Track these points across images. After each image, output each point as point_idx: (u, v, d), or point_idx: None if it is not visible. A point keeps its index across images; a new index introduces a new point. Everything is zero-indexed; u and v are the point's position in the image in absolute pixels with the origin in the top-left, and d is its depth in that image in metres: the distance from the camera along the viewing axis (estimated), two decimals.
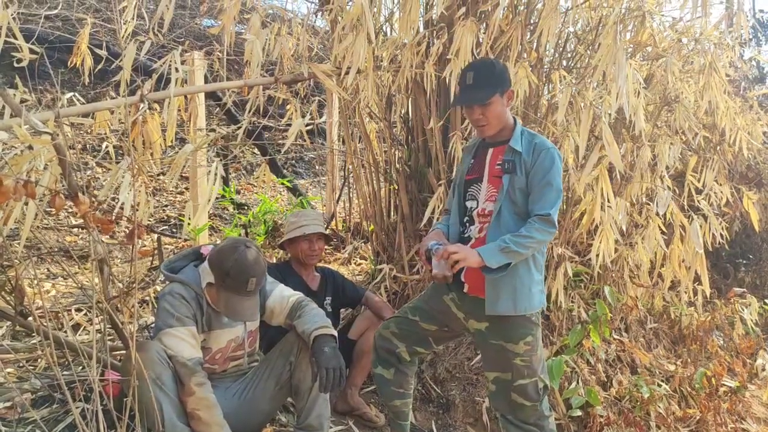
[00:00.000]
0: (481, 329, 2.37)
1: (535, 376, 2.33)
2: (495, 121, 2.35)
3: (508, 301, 2.27)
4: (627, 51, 3.72)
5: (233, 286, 2.28)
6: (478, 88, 2.32)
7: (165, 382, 2.13)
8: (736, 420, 3.85)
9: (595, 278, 3.82)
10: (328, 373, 2.20)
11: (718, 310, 4.44)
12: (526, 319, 2.30)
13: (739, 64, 4.83)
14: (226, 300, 2.31)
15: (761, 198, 5.27)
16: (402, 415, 2.69)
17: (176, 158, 2.18)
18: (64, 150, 1.76)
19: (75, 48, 3.28)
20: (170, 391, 2.14)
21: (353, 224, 5.49)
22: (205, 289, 2.38)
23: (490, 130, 2.37)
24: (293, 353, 2.45)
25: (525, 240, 2.19)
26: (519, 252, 2.19)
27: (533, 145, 2.32)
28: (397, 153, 4.07)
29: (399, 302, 3.71)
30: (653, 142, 3.70)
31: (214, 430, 2.16)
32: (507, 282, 2.27)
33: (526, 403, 2.34)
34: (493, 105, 2.31)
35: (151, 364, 2.11)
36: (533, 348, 2.32)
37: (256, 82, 2.94)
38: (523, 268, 2.30)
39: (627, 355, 3.83)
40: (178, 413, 2.14)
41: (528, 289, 2.30)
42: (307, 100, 5.62)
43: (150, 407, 2.04)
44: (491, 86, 2.31)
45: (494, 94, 2.30)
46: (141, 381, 2.02)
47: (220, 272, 2.29)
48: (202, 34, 7.33)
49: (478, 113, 2.34)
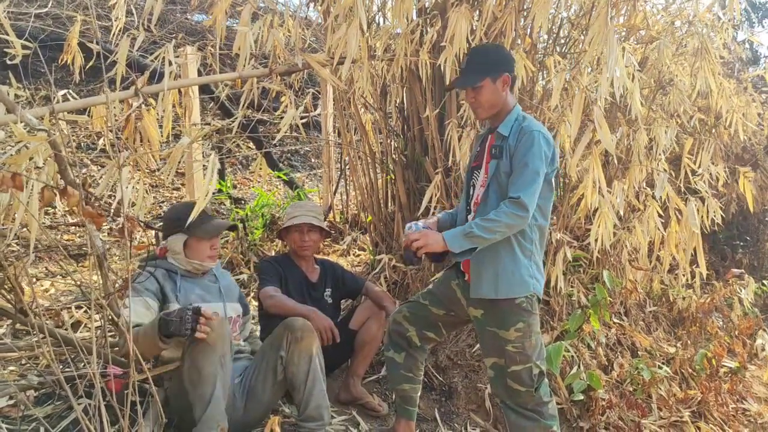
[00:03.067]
0: (477, 316, 2.41)
1: (528, 362, 2.34)
2: (486, 104, 2.39)
3: (489, 284, 2.31)
4: (621, 34, 3.73)
5: (198, 220, 2.35)
6: (470, 72, 2.39)
7: (226, 362, 2.23)
8: (737, 400, 3.88)
9: (594, 263, 3.83)
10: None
11: (717, 291, 4.46)
12: (517, 306, 2.31)
13: (733, 46, 4.83)
14: (204, 230, 2.55)
15: (757, 179, 5.28)
16: (410, 401, 2.70)
17: (173, 151, 2.17)
18: (60, 146, 1.75)
19: (66, 45, 3.26)
20: (226, 374, 2.23)
21: (351, 216, 5.49)
22: (186, 254, 2.56)
23: (482, 113, 2.43)
24: (282, 347, 2.46)
25: (491, 224, 2.19)
26: (483, 237, 2.19)
27: (520, 128, 2.33)
28: (393, 143, 4.07)
29: (399, 292, 3.71)
30: (649, 125, 3.70)
31: (135, 335, 2.13)
32: (489, 266, 2.32)
33: (521, 389, 2.36)
34: (483, 89, 2.36)
35: (222, 342, 2.20)
36: (525, 335, 2.33)
37: (250, 74, 2.92)
38: (506, 252, 2.32)
39: (627, 338, 3.85)
40: (225, 395, 2.23)
41: (511, 273, 2.31)
42: (301, 92, 5.61)
43: (207, 378, 2.16)
44: (482, 71, 2.36)
45: (484, 78, 2.35)
46: (210, 353, 2.15)
47: (179, 222, 2.45)
48: (194, 29, 7.30)
49: (470, 96, 2.41)
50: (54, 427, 2.29)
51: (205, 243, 2.58)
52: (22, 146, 1.79)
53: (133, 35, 2.65)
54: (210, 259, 2.61)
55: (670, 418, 3.46)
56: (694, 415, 3.58)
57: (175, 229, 2.55)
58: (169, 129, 2.83)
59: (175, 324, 2.10)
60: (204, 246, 2.58)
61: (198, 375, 2.17)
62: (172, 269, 2.55)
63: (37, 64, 5.11)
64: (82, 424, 1.69)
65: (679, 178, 3.83)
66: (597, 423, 3.19)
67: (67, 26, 4.73)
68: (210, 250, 2.60)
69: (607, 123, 3.77)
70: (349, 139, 4.42)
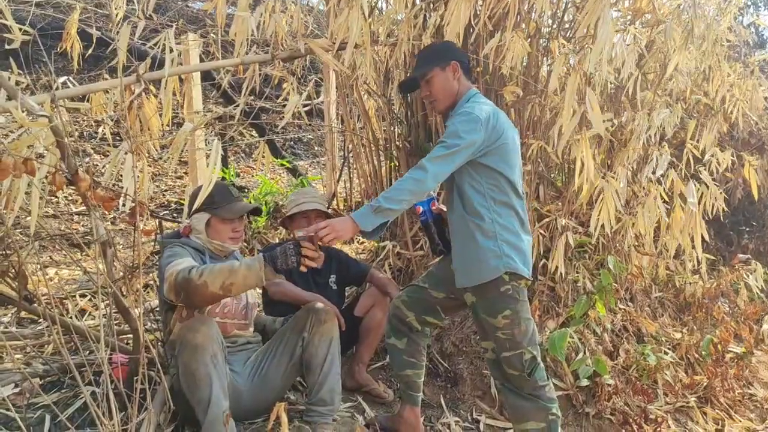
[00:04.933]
0: (473, 301, 2.41)
1: (519, 348, 2.34)
2: (441, 94, 2.43)
3: (462, 274, 2.36)
4: (626, 18, 3.69)
5: (222, 199, 2.47)
6: (417, 68, 2.47)
7: (219, 361, 2.20)
8: (743, 385, 3.88)
9: (600, 249, 3.81)
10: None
11: (723, 276, 4.44)
12: (502, 294, 2.30)
13: (739, 30, 4.78)
14: (228, 210, 2.49)
15: (764, 164, 5.24)
16: (414, 386, 2.71)
17: (176, 137, 2.15)
18: (61, 132, 1.74)
19: (65, 33, 3.23)
20: (221, 372, 2.20)
21: (355, 203, 5.47)
22: (208, 234, 2.51)
23: (439, 105, 2.46)
24: (306, 329, 2.47)
25: (394, 193, 2.18)
26: (392, 208, 2.16)
27: (458, 111, 2.36)
28: (397, 129, 4.04)
29: (403, 278, 3.70)
30: (652, 110, 3.66)
31: (229, 269, 2.14)
32: (458, 257, 2.37)
33: (515, 373, 2.38)
34: (434, 79, 2.41)
35: (211, 341, 2.17)
36: (513, 322, 2.32)
37: (252, 60, 2.90)
38: (468, 239, 2.32)
39: (633, 324, 3.84)
40: (225, 393, 2.20)
41: (477, 260, 2.30)
42: (304, 79, 5.58)
43: (202, 381, 2.13)
44: (429, 63, 2.43)
45: (432, 68, 2.41)
46: (200, 355, 2.13)
47: (206, 201, 2.35)
48: (195, 17, 7.26)
49: (425, 91, 2.46)
50: (61, 414, 2.29)
51: (228, 224, 2.53)
52: (23, 132, 1.77)
53: (134, 22, 2.63)
54: (232, 240, 2.55)
55: (676, 404, 3.46)
56: (700, 400, 3.58)
57: (200, 207, 2.46)
58: (170, 117, 2.81)
59: (282, 258, 2.11)
60: (226, 227, 2.52)
61: (193, 379, 2.15)
62: (200, 248, 2.51)
63: (37, 53, 5.08)
64: (91, 410, 1.69)
65: (682, 161, 3.81)
66: (603, 408, 3.19)
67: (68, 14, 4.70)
68: (232, 233, 2.54)
69: (612, 107, 3.77)
70: (352, 126, 4.40)
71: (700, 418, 3.45)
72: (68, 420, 2.21)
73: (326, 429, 2.41)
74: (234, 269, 2.12)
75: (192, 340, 2.15)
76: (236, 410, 2.36)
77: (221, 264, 2.19)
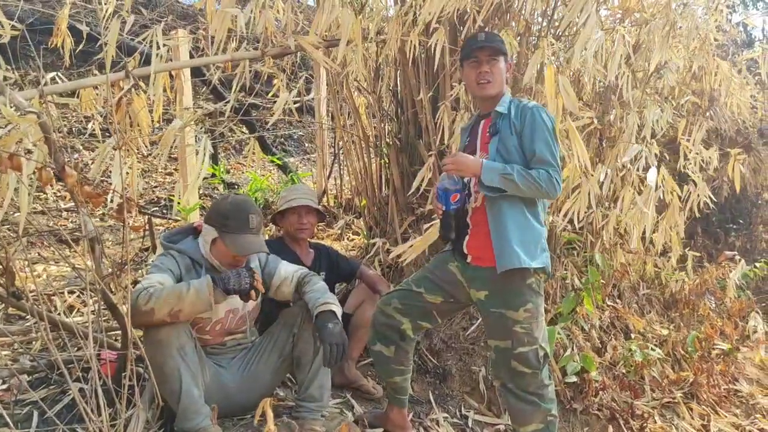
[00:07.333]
0: (481, 298, 2.37)
1: (536, 344, 2.32)
2: (498, 79, 2.40)
3: (514, 254, 2.24)
4: (615, 17, 3.71)
5: (236, 227, 2.32)
6: (490, 42, 2.41)
7: (188, 353, 2.19)
8: (729, 381, 3.92)
9: (588, 246, 3.83)
10: (331, 348, 2.22)
11: (709, 274, 4.48)
12: (527, 286, 2.29)
13: (727, 28, 4.82)
14: (233, 242, 2.32)
15: (750, 162, 5.29)
16: (402, 390, 2.67)
17: (165, 134, 2.15)
18: (49, 128, 1.73)
19: (56, 29, 3.22)
20: (191, 362, 2.20)
21: (345, 200, 5.48)
22: (211, 250, 2.39)
23: (491, 88, 2.41)
24: (296, 325, 2.46)
25: (531, 179, 2.21)
26: (518, 185, 2.20)
27: (521, 107, 2.37)
28: (387, 126, 4.05)
29: (393, 275, 3.71)
30: (641, 108, 3.69)
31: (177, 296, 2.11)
32: (513, 235, 2.26)
33: (527, 371, 2.33)
34: (500, 64, 2.41)
35: (176, 334, 2.17)
36: (533, 315, 2.31)
37: (242, 56, 2.90)
38: (524, 219, 2.30)
39: (620, 321, 3.87)
40: (196, 384, 2.20)
41: (535, 242, 2.30)
42: (294, 76, 5.57)
43: (171, 375, 2.14)
44: (502, 49, 2.43)
45: (502, 55, 2.42)
46: (165, 349, 2.13)
47: (219, 219, 2.33)
48: (185, 12, 7.23)
49: (485, 66, 2.39)
50: (47, 411, 2.28)
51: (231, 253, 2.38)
52: (11, 128, 1.77)
53: (123, 17, 2.62)
54: (230, 267, 2.38)
55: (662, 399, 3.50)
56: (686, 396, 3.62)
57: (213, 223, 2.37)
58: (160, 113, 2.80)
59: (235, 279, 2.13)
60: (229, 255, 2.37)
61: (161, 372, 2.13)
62: (198, 260, 2.40)
63: (26, 48, 5.05)
64: (80, 406, 1.69)
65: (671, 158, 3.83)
66: (590, 404, 3.22)
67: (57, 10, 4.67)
68: (233, 260, 2.38)
69: (601, 106, 3.79)
70: (342, 123, 4.40)
71: (686, 414, 3.49)
72: (56, 416, 2.20)
73: (315, 425, 2.41)
74: (182, 296, 2.10)
75: (155, 336, 2.14)
76: (225, 406, 2.36)
77: (169, 289, 2.14)
